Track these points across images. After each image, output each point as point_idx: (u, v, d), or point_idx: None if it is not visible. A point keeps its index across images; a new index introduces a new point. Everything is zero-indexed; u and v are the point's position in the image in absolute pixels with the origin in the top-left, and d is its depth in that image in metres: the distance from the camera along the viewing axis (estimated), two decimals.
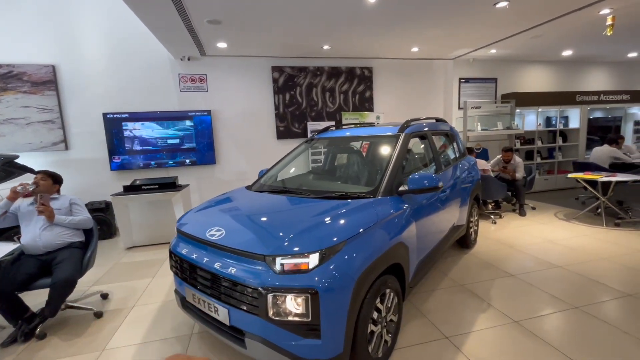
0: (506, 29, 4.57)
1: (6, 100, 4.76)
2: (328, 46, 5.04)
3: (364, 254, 1.71)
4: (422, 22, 4.14)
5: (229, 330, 1.74)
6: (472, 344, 2.13)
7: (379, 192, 2.14)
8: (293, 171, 3.22)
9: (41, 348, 2.28)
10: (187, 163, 5.43)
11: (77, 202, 2.74)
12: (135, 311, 2.74)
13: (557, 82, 7.16)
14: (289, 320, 1.55)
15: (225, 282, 1.71)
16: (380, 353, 1.90)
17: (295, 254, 1.58)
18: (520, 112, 6.59)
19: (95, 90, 5.05)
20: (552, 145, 7.14)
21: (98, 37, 4.95)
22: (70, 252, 2.56)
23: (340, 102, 6.05)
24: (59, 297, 2.39)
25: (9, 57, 4.71)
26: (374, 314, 1.82)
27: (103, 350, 2.24)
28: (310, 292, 1.51)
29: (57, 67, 4.88)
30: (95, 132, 5.07)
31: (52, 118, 4.92)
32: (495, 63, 6.63)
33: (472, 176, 3.70)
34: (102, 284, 3.32)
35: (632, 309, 2.44)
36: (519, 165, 5.20)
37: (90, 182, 5.12)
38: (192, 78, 5.40)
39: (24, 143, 4.84)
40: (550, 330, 2.23)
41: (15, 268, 2.40)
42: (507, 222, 4.83)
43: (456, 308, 2.57)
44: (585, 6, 3.83)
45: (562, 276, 3.03)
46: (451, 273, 3.20)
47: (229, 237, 1.82)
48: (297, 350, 1.56)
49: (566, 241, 3.93)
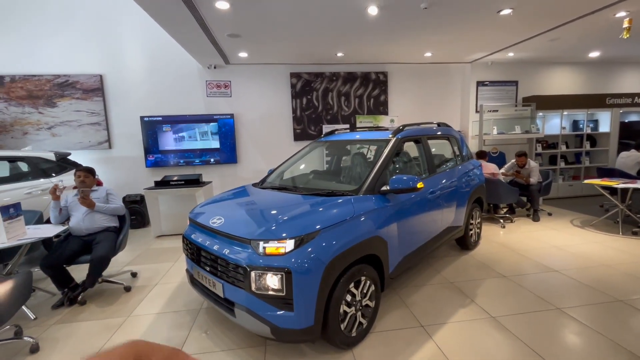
0: (516, 34, 4.58)
1: (63, 105, 5.54)
2: (341, 53, 5.31)
3: (336, 242, 1.98)
4: (426, 30, 4.29)
5: (223, 302, 2.09)
6: (444, 333, 2.31)
7: (360, 191, 2.39)
8: (303, 168, 3.52)
9: (81, 312, 2.78)
10: (211, 162, 5.95)
11: (113, 193, 3.25)
12: (157, 288, 3.19)
13: (584, 84, 6.87)
14: (268, 294, 1.86)
15: (221, 261, 2.06)
16: (354, 333, 2.16)
17: (274, 239, 1.89)
18: (543, 116, 6.43)
19: (134, 96, 5.71)
20: (579, 150, 6.86)
21: (137, 50, 5.61)
22: (106, 235, 3.07)
23: (355, 106, 6.29)
24: (96, 271, 2.89)
25: (65, 68, 5.48)
26: (348, 297, 2.09)
27: (128, 316, 2.69)
28: (285, 271, 1.81)
29: (104, 77, 5.60)
30: (133, 133, 5.73)
31: (99, 121, 5.65)
32: (515, 65, 6.52)
33: (473, 179, 3.79)
34: (133, 264, 3.85)
35: (615, 313, 2.48)
36: (534, 169, 5.14)
37: (128, 177, 5.80)
38: (217, 84, 5.91)
39: (75, 142, 5.60)
40: (524, 327, 2.35)
41: (64, 246, 2.94)
42: (518, 227, 4.81)
43: (439, 302, 2.74)
44: (599, 9, 3.78)
45: (555, 280, 3.07)
46: (444, 271, 3.35)
47: (226, 225, 2.17)
48: (275, 320, 1.87)
49: (573, 247, 3.89)
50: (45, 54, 5.41)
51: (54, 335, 2.44)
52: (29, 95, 5.44)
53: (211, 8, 3.34)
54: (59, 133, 5.57)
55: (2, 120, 5.41)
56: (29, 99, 5.45)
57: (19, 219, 2.68)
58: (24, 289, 2.17)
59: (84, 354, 1.70)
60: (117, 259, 3.98)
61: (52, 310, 2.80)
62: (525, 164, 5.17)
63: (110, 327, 2.54)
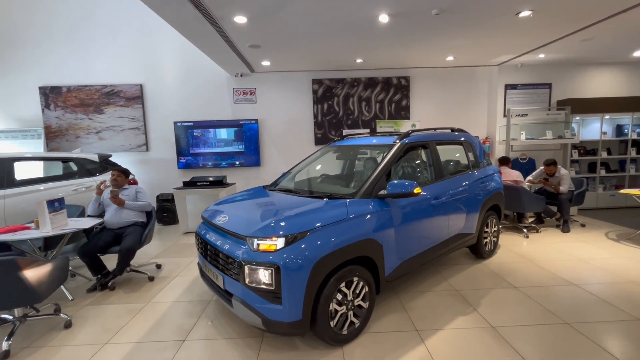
0: (541, 35, 4.38)
1: (108, 112, 6.19)
2: (360, 59, 5.40)
3: (326, 242, 2.08)
4: (442, 35, 4.25)
5: (224, 293, 2.28)
6: (438, 339, 2.31)
7: (357, 195, 2.48)
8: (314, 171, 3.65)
9: (110, 296, 3.13)
10: (236, 164, 6.30)
11: (141, 191, 3.62)
12: (177, 280, 3.49)
13: (628, 86, 6.31)
14: (260, 288, 2.02)
15: (222, 256, 2.25)
16: (345, 331, 2.24)
17: (267, 236, 2.05)
18: (580, 120, 6.01)
19: (169, 103, 6.22)
20: (623, 157, 6.31)
21: (172, 61, 6.12)
22: (134, 228, 3.42)
23: (376, 111, 6.32)
24: (124, 261, 3.24)
25: (111, 78, 6.13)
26: (339, 296, 2.18)
27: (148, 302, 2.99)
28: (274, 267, 1.96)
29: (143, 86, 6.17)
30: (167, 137, 6.24)
31: (138, 126, 6.22)
32: (548, 67, 6.17)
33: (487, 186, 3.69)
34: (159, 257, 4.22)
35: (630, 333, 2.32)
36: (564, 177, 4.83)
37: (162, 177, 6.31)
38: (243, 92, 6.25)
39: (118, 145, 6.22)
40: (525, 339, 2.28)
41: (99, 237, 3.33)
42: (542, 237, 4.56)
43: (439, 308, 2.73)
44: (631, 7, 3.53)
45: (570, 293, 2.91)
46: (452, 279, 3.30)
47: (229, 222, 2.37)
48: (265, 312, 2.01)
49: (600, 261, 3.63)
50: (95, 65, 6.09)
51: (85, 314, 2.79)
52: (81, 104, 6.14)
53: (231, 22, 3.62)
54: (105, 137, 6.22)
55: (59, 125, 6.16)
56: (81, 107, 6.15)
57: (62, 211, 3.10)
58: (61, 272, 2.52)
59: (108, 331, 1.97)
60: (145, 252, 4.39)
61: (86, 294, 3.19)
62: (553, 173, 4.88)
63: (131, 311, 2.84)
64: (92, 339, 2.42)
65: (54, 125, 6.15)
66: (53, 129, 6.15)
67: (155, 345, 2.33)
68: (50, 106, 6.11)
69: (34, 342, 2.40)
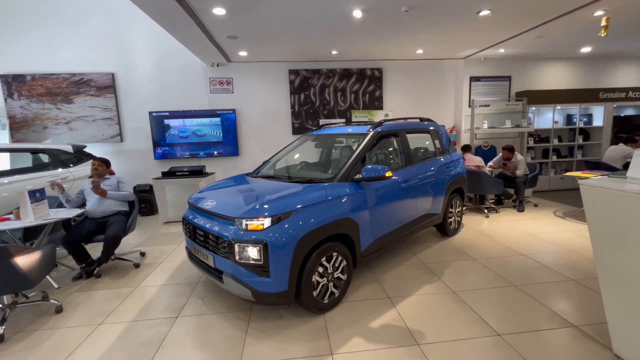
0: (500, 32, 4.78)
1: (78, 101, 6.00)
2: (336, 51, 5.59)
3: (308, 221, 2.32)
4: (412, 30, 4.53)
5: (214, 271, 2.47)
6: (407, 303, 2.64)
7: (335, 179, 2.72)
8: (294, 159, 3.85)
9: (97, 283, 3.21)
10: (215, 154, 6.35)
11: (123, 181, 3.66)
12: (162, 266, 3.61)
13: (578, 79, 6.96)
14: (249, 263, 2.23)
15: (212, 237, 2.43)
16: (326, 300, 2.51)
17: (254, 217, 2.25)
18: (535, 110, 6.59)
19: (143, 92, 6.12)
20: (572, 144, 7.01)
21: (146, 49, 6.00)
22: (117, 217, 3.48)
23: (351, 101, 6.57)
24: (109, 248, 3.31)
25: (80, 67, 5.92)
26: (320, 269, 2.43)
27: (137, 286, 3.10)
28: (262, 243, 2.17)
29: (115, 75, 6.02)
30: (142, 128, 6.16)
31: (111, 116, 6.09)
32: (508, 61, 6.67)
33: (452, 171, 4.06)
34: (142, 246, 4.28)
35: (564, 290, 2.76)
36: (520, 162, 5.35)
37: (138, 168, 6.25)
38: (220, 81, 6.27)
39: (90, 136, 6.06)
40: (480, 300, 2.66)
41: (82, 226, 3.37)
42: (501, 217, 5.07)
43: (408, 279, 3.07)
44: (576, 9, 3.96)
45: (520, 262, 3.36)
46: (421, 254, 3.67)
47: (217, 206, 2.54)
48: (255, 284, 2.23)
49: (546, 235, 4.14)
50: (62, 54, 5.85)
51: (75, 300, 2.88)
52: (48, 93, 5.91)
53: (209, 13, 3.68)
54: (76, 127, 6.04)
55: (25, 115, 5.90)
56: (48, 96, 5.91)
57: (44, 202, 3.11)
58: (49, 259, 2.59)
59: (101, 314, 2.14)
60: (128, 241, 4.44)
61: (72, 282, 3.24)
62: (510, 158, 5.39)
63: (121, 295, 2.96)
64: (86, 321, 2.54)
65: (19, 115, 5.88)
66: (18, 119, 5.88)
67: (149, 323, 2.49)
68: (14, 95, 5.83)
69: (27, 327, 2.47)
